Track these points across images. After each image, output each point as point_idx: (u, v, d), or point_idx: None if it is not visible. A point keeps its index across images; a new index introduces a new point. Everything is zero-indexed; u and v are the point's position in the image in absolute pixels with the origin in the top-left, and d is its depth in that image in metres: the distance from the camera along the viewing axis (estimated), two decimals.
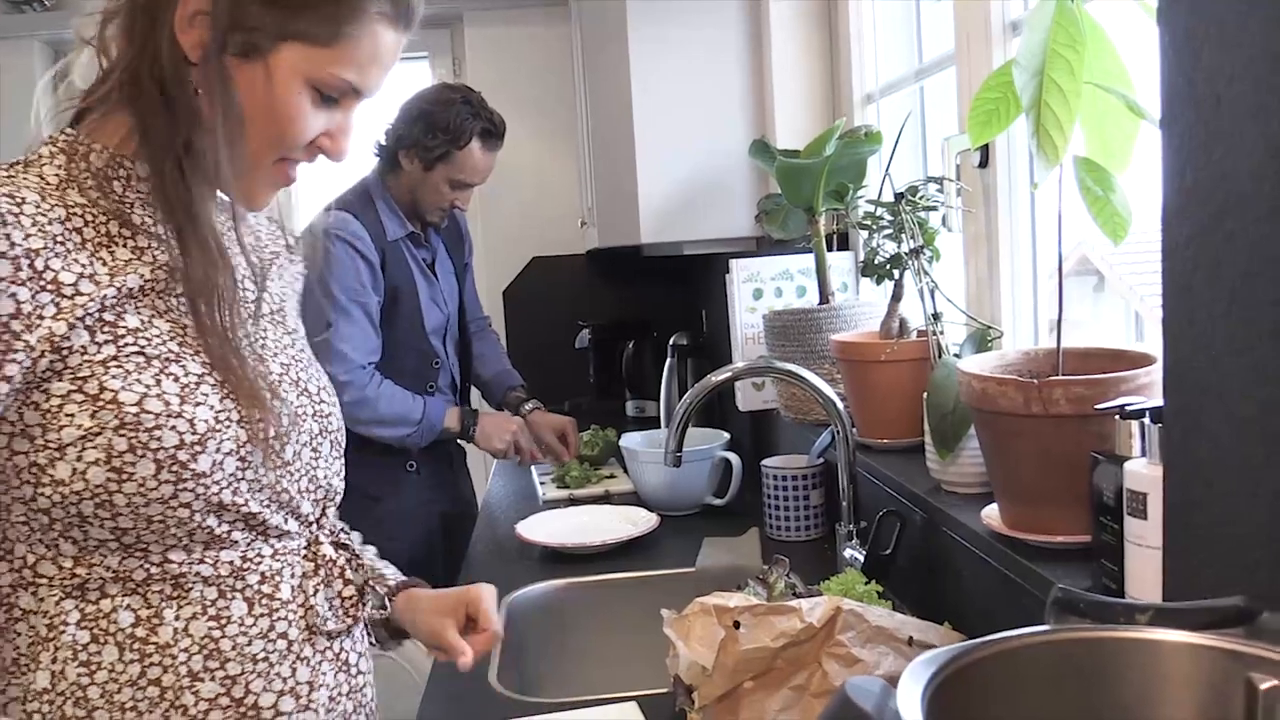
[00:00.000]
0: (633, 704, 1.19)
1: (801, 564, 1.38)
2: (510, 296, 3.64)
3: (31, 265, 0.78)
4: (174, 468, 0.82)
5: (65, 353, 0.80)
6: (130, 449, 0.80)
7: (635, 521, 1.93)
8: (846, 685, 0.46)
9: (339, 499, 1.01)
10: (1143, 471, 0.83)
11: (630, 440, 2.19)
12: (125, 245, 0.85)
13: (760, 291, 2.08)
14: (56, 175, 0.84)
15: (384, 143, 2.21)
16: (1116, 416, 0.91)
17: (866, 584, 1.25)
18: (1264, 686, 0.47)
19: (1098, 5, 1.10)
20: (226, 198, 0.91)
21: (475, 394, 2.55)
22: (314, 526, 0.96)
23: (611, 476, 2.40)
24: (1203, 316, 0.73)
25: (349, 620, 0.97)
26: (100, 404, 0.80)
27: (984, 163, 1.45)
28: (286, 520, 0.92)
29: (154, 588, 0.85)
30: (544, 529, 1.92)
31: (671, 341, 2.79)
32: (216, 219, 0.91)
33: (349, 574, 0.98)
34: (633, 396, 3.23)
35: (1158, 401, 0.82)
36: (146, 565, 0.84)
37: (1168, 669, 0.50)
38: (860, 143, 1.75)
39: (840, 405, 1.52)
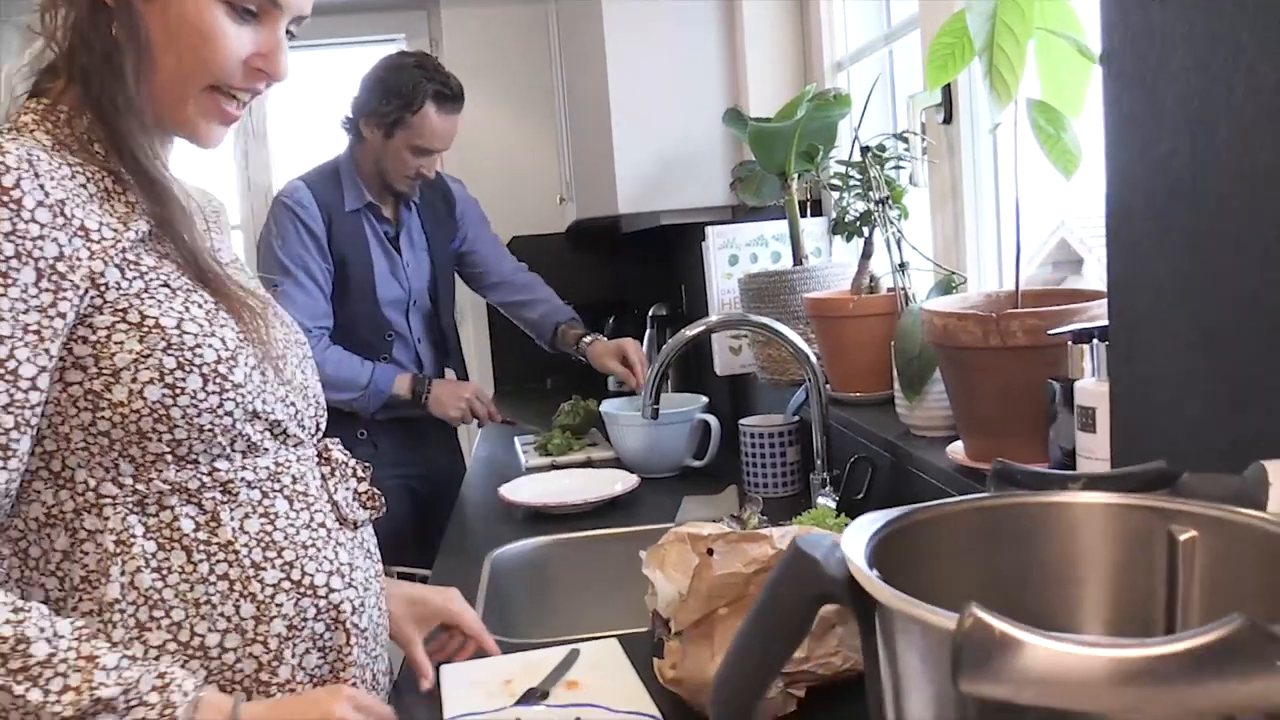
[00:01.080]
0: (613, 640, 1.23)
1: (778, 516, 1.42)
2: None
3: (63, 213, 0.85)
4: (216, 380, 0.90)
5: (103, 289, 0.87)
6: (179, 366, 0.88)
7: (616, 483, 1.97)
8: (797, 540, 0.50)
9: (326, 416, 1.08)
10: (1091, 388, 0.88)
11: (610, 405, 2.23)
12: (120, 200, 0.91)
13: (736, 258, 2.12)
14: (49, 138, 0.90)
15: (349, 115, 2.24)
16: (1069, 342, 0.95)
17: (837, 517, 1.30)
18: (1182, 537, 0.51)
19: None
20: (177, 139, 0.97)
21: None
22: (317, 436, 1.05)
23: (593, 444, 2.44)
24: (1140, 239, 0.77)
25: (369, 511, 1.07)
26: (145, 329, 0.87)
27: (948, 118, 1.49)
28: (300, 430, 1.01)
29: (207, 494, 0.92)
30: (527, 491, 1.96)
31: (651, 313, 2.83)
32: (165, 164, 0.97)
33: (359, 472, 1.07)
34: None
35: (1104, 323, 0.86)
36: (199, 475, 0.92)
37: (1096, 527, 0.54)
38: (830, 106, 1.79)
39: (813, 358, 1.56)
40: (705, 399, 2.23)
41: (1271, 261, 0.64)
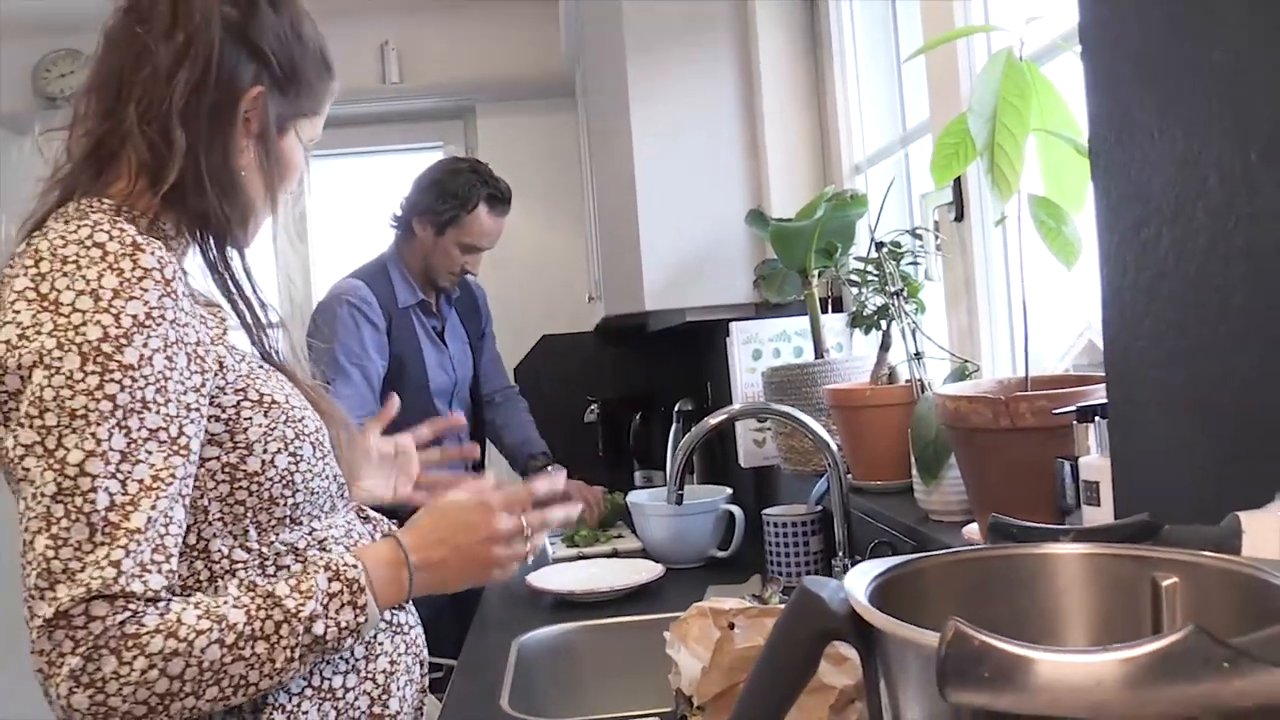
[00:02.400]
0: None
1: None
2: (521, 374, 3.75)
3: (193, 302, 0.94)
4: (320, 447, 1.01)
5: (224, 370, 0.95)
6: (296, 436, 0.99)
7: (642, 571, 1.99)
8: (804, 580, 0.55)
9: None
10: (1094, 463, 0.92)
11: (637, 496, 2.27)
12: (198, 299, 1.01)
13: (759, 352, 2.18)
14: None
15: (399, 213, 2.36)
16: (1074, 421, 0.99)
17: None
18: (1165, 583, 0.55)
19: (1052, 68, 1.22)
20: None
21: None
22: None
23: (619, 536, 2.47)
24: (1130, 317, 0.82)
25: None
26: (265, 405, 0.97)
27: (959, 216, 1.56)
28: (347, 490, 1.11)
29: (310, 553, 1.00)
30: (554, 579, 1.99)
31: (676, 408, 2.88)
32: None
33: (392, 529, 1.14)
34: (640, 467, 3.30)
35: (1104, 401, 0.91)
36: (304, 535, 1.01)
37: (1084, 575, 0.58)
38: (848, 205, 1.87)
39: (834, 446, 1.60)
40: (730, 490, 2.26)
41: (1249, 335, 0.68)
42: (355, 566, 0.95)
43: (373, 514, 1.16)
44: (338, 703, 0.99)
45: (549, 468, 2.55)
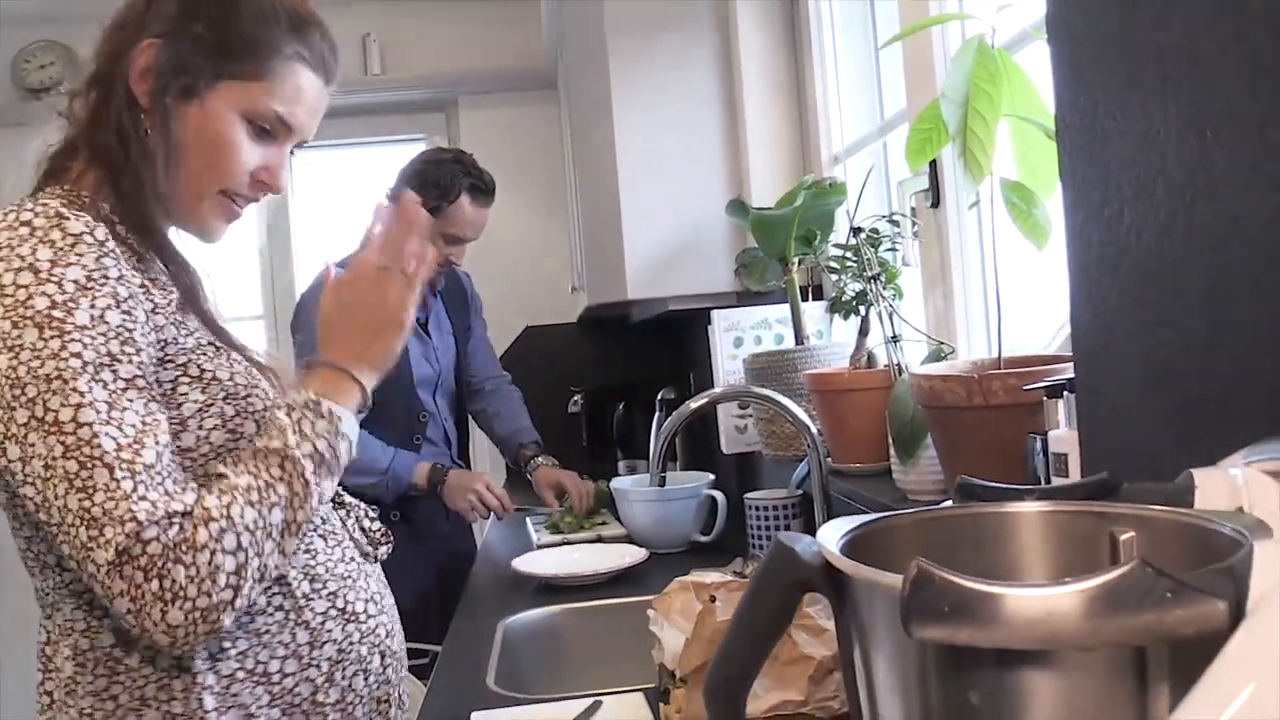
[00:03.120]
0: (639, 694, 1.28)
1: None
2: (505, 365, 3.73)
3: (128, 273, 0.94)
4: (264, 425, 1.00)
5: (165, 344, 0.96)
6: (237, 413, 0.99)
7: (625, 555, 2.02)
8: (778, 535, 0.57)
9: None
10: (1063, 435, 0.95)
11: (620, 482, 2.30)
12: (146, 275, 1.00)
13: (740, 340, 2.21)
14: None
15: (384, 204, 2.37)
16: (1044, 397, 1.02)
17: None
18: (1123, 537, 0.58)
19: (1023, 57, 1.25)
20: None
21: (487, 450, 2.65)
22: None
23: (604, 523, 2.49)
24: (1096, 291, 0.85)
25: (380, 545, 1.15)
26: (205, 381, 0.97)
27: (935, 202, 1.59)
28: None
29: None
30: (539, 563, 2.02)
31: (659, 396, 2.91)
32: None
33: (369, 513, 1.16)
34: (624, 456, 3.33)
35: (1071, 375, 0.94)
36: None
37: (1046, 532, 0.60)
38: (827, 194, 1.90)
39: (813, 428, 1.63)
40: (712, 476, 2.29)
41: (1205, 305, 0.71)
42: (302, 392, 0.99)
43: (348, 499, 1.16)
44: (273, 688, 0.98)
45: (540, 458, 2.56)
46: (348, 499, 1.16)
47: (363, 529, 1.14)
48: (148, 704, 0.94)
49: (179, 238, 1.08)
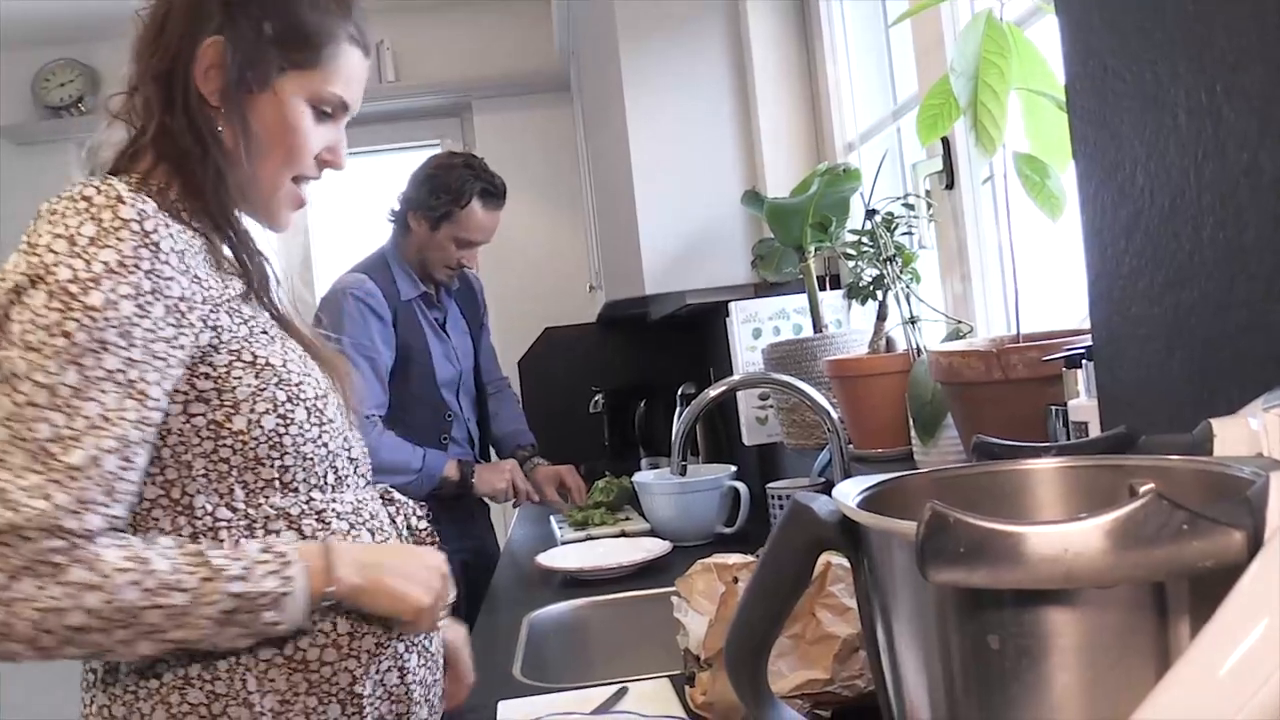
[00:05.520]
0: (664, 680, 1.28)
1: None
2: (525, 367, 3.78)
3: (184, 261, 0.95)
4: (316, 414, 1.01)
5: (218, 330, 0.97)
6: (289, 399, 0.99)
7: (649, 549, 2.02)
8: (795, 495, 0.57)
9: None
10: (1083, 404, 0.94)
11: (643, 476, 2.30)
12: (213, 263, 1.02)
13: (759, 331, 2.21)
14: (152, 204, 0.99)
15: (396, 208, 2.39)
16: (1064, 368, 1.02)
17: None
18: (1142, 490, 0.58)
19: (1032, 33, 1.25)
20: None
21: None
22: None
23: (627, 519, 2.50)
24: (1111, 256, 0.85)
25: (425, 544, 1.16)
26: (258, 367, 0.98)
27: (950, 184, 1.58)
28: (369, 472, 1.12)
29: (306, 521, 1.01)
30: (564, 558, 2.02)
31: (680, 392, 2.91)
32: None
33: (418, 511, 1.17)
34: (647, 454, 3.33)
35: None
36: (299, 502, 1.01)
37: (1065, 486, 0.60)
38: (841, 180, 1.89)
39: (833, 413, 1.63)
40: (734, 468, 2.29)
41: (1219, 261, 0.71)
42: (292, 547, 0.96)
43: (398, 497, 1.16)
44: (310, 675, 0.98)
45: (536, 459, 2.59)
46: (397, 496, 1.17)
47: (409, 527, 1.15)
48: (191, 683, 0.95)
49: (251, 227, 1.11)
